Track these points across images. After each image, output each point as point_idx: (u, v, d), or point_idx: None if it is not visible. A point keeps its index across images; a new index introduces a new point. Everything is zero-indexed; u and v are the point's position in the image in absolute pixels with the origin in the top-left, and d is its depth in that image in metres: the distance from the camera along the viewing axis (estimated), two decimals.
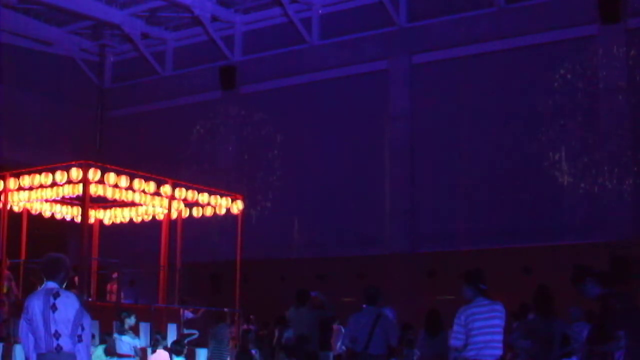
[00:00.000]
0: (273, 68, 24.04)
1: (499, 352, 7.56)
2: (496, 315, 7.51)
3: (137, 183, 15.61)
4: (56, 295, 6.92)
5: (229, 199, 17.85)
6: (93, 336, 10.67)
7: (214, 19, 23.99)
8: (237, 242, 17.93)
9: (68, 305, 6.86)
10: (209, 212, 18.23)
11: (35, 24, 24.71)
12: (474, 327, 7.46)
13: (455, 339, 7.59)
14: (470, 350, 7.46)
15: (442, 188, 20.95)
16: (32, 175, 15.33)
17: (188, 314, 17.03)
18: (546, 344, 8.77)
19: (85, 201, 15.19)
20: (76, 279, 15.21)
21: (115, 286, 18.03)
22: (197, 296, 19.19)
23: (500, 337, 7.50)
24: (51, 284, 7.04)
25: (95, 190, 15.29)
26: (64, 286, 7.16)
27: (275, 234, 23.20)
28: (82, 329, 6.88)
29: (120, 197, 16.44)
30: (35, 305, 6.92)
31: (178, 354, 12.24)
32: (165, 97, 26.01)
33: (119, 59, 27.37)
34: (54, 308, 6.85)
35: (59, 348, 6.81)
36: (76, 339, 6.84)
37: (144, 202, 17.14)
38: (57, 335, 6.82)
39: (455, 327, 7.60)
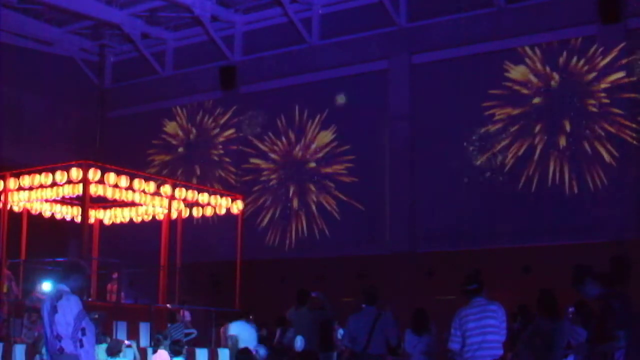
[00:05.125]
0: (273, 68, 24.05)
1: (498, 352, 7.53)
2: (489, 315, 7.47)
3: (137, 183, 15.60)
4: (58, 297, 6.94)
5: (229, 199, 17.84)
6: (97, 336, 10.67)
7: (214, 19, 23.99)
8: (237, 242, 17.92)
9: (67, 307, 6.87)
10: (209, 212, 18.22)
11: (35, 24, 24.70)
12: (467, 328, 7.47)
13: (452, 342, 7.60)
14: (467, 352, 7.47)
15: (442, 188, 20.96)
16: (32, 175, 15.31)
17: (187, 316, 17.02)
18: (551, 345, 8.79)
19: (85, 201, 15.17)
20: None
21: (115, 286, 18.02)
22: (197, 296, 19.20)
23: (495, 337, 7.46)
24: (61, 287, 7.07)
25: (95, 190, 15.28)
26: (77, 291, 7.18)
27: (275, 234, 23.22)
28: (83, 333, 6.87)
29: (120, 197, 16.43)
30: (44, 307, 6.98)
31: (177, 354, 12.22)
32: (165, 97, 26.01)
33: (119, 59, 27.37)
34: (54, 310, 6.87)
35: (61, 350, 6.83)
36: (78, 342, 6.83)
37: (144, 202, 17.13)
38: (59, 338, 6.84)
39: (451, 330, 7.61)
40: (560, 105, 19.81)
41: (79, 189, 15.07)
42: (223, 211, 18.04)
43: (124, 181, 15.33)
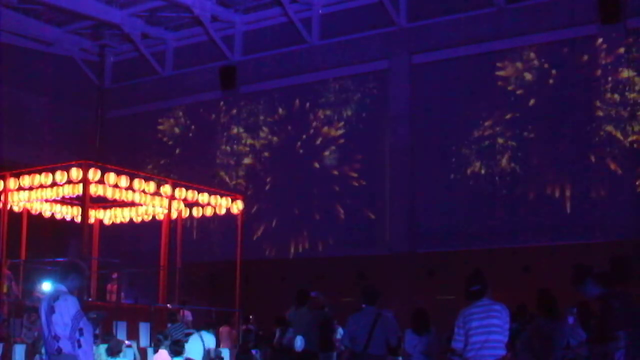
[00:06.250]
0: (273, 68, 24.05)
1: (501, 352, 7.50)
2: (494, 315, 7.47)
3: (137, 183, 15.61)
4: (55, 298, 6.92)
5: (229, 199, 17.85)
6: (96, 336, 10.65)
7: (214, 19, 23.99)
8: (237, 242, 17.92)
9: (65, 308, 6.84)
10: (209, 212, 18.22)
11: (35, 24, 24.71)
12: (471, 327, 7.45)
13: (455, 341, 7.58)
14: (470, 351, 7.45)
15: (442, 188, 20.96)
16: (32, 175, 15.32)
17: (189, 316, 17.03)
18: (550, 345, 8.79)
19: (85, 201, 15.18)
20: None
21: (115, 286, 18.03)
22: (197, 296, 19.21)
23: (499, 337, 7.45)
24: (58, 287, 7.06)
25: (95, 190, 15.29)
26: (75, 291, 7.16)
27: (275, 234, 23.21)
28: (81, 334, 6.84)
29: (120, 197, 16.44)
30: (41, 307, 6.96)
31: (178, 354, 12.22)
32: (165, 97, 26.01)
33: (119, 59, 27.38)
34: (52, 310, 6.85)
35: (59, 350, 6.82)
36: (76, 343, 6.81)
37: (144, 202, 17.13)
38: (56, 338, 6.82)
39: (455, 329, 7.59)
40: (561, 105, 19.80)
41: (79, 189, 15.08)
42: (223, 211, 18.04)
43: (124, 181, 15.33)
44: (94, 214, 19.10)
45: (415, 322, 11.42)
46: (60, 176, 14.86)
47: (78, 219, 18.06)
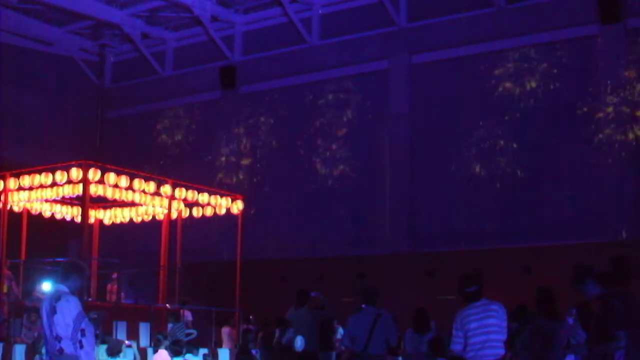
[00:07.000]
0: (273, 68, 24.06)
1: (501, 352, 7.50)
2: (491, 314, 7.47)
3: (137, 183, 15.59)
4: (57, 298, 6.91)
5: (229, 199, 17.84)
6: (97, 336, 10.63)
7: (214, 19, 24.00)
8: (237, 242, 17.91)
9: (67, 309, 6.83)
10: (209, 212, 18.21)
11: (35, 24, 24.73)
12: (469, 328, 7.44)
13: (454, 343, 7.58)
14: (469, 352, 7.44)
15: (442, 188, 20.96)
16: (32, 175, 15.31)
17: (189, 316, 17.02)
18: (550, 345, 8.79)
19: (85, 201, 15.17)
20: None
21: (115, 286, 18.02)
22: (197, 296, 19.19)
23: (498, 337, 7.45)
24: (60, 287, 7.05)
25: (95, 190, 15.28)
26: (76, 291, 7.16)
27: (276, 234, 23.20)
28: (83, 334, 6.84)
29: (120, 197, 16.43)
30: (43, 308, 6.95)
31: (177, 354, 12.21)
32: (165, 97, 26.02)
33: (119, 59, 27.38)
34: (53, 311, 6.84)
35: (60, 350, 6.81)
36: (78, 344, 6.81)
37: (144, 202, 17.12)
38: (58, 339, 6.81)
39: (453, 332, 7.59)
40: (561, 105, 19.80)
41: (79, 189, 15.07)
42: (223, 211, 18.03)
43: (124, 181, 15.32)
44: (94, 214, 19.09)
45: (416, 322, 11.42)
46: (60, 176, 14.85)
47: (78, 219, 18.05)
